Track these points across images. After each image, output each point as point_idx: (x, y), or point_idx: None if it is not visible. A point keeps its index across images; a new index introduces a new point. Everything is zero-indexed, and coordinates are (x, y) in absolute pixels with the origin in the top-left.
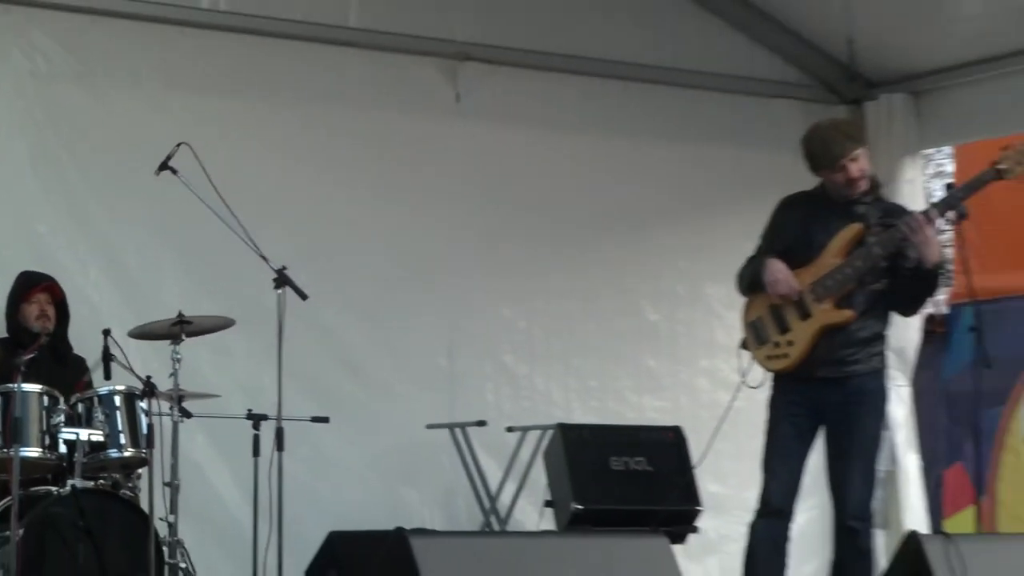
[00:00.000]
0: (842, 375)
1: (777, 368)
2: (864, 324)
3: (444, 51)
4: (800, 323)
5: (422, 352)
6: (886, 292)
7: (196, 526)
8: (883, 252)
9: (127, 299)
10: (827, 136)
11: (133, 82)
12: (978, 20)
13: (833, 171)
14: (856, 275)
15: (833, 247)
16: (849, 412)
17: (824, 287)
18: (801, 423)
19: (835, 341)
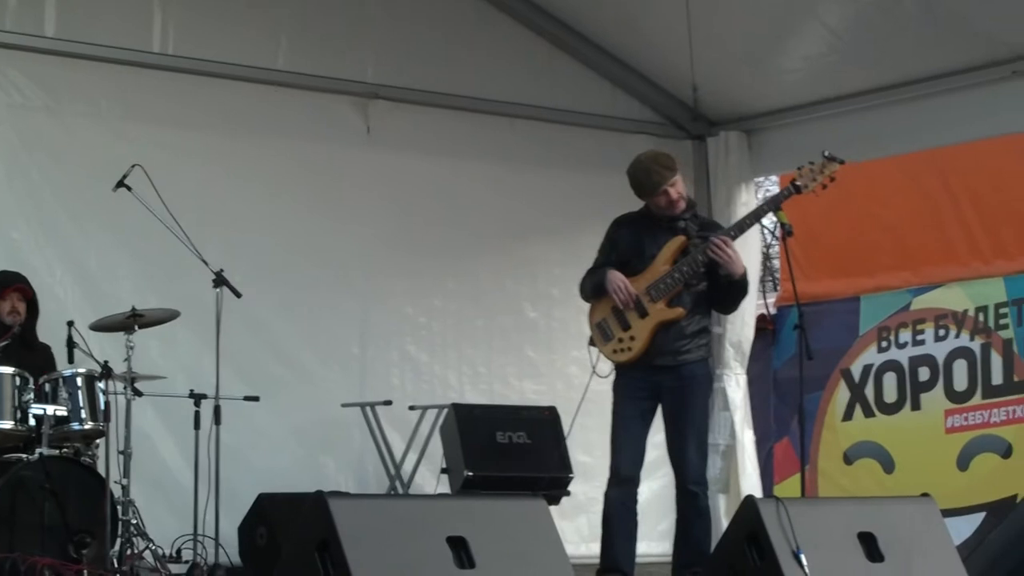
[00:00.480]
0: (676, 363)
1: (622, 360)
2: (692, 320)
3: (357, 90)
4: (639, 321)
5: (338, 341)
6: (707, 293)
7: (145, 488)
8: (704, 259)
9: (88, 295)
10: (649, 168)
11: (94, 113)
12: (799, 72)
13: (656, 196)
14: (683, 279)
15: (662, 256)
16: (683, 395)
17: (657, 290)
18: (643, 404)
19: (669, 335)
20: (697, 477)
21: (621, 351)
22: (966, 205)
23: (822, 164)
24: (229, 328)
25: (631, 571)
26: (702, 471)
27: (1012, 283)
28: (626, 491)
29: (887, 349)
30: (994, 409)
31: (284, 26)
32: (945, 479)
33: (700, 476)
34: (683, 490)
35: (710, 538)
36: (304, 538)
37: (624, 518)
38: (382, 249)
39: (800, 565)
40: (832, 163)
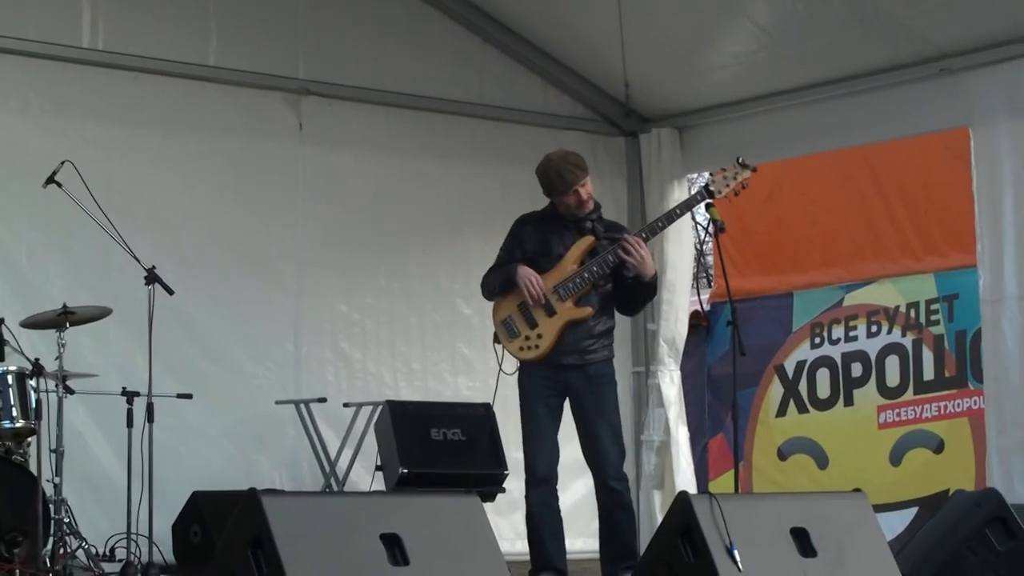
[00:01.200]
0: (583, 362)
1: (529, 358)
2: (599, 320)
3: (289, 87)
4: (547, 319)
5: (272, 339)
6: (612, 294)
7: (78, 487)
8: (614, 259)
9: (18, 292)
10: (561, 167)
11: (23, 108)
12: (729, 69)
13: (566, 195)
14: (592, 279)
15: (571, 256)
16: (592, 393)
17: (566, 289)
18: (551, 402)
19: (576, 334)
20: (616, 473)
21: (528, 348)
22: (897, 202)
23: (735, 171)
24: (162, 325)
25: (564, 568)
26: (620, 466)
27: (943, 279)
28: (546, 490)
29: (820, 345)
30: (926, 404)
31: (215, 21)
32: (878, 474)
33: (619, 471)
34: (604, 487)
35: (636, 532)
36: (237, 536)
37: (548, 517)
38: (315, 246)
39: (733, 560)
40: (745, 170)
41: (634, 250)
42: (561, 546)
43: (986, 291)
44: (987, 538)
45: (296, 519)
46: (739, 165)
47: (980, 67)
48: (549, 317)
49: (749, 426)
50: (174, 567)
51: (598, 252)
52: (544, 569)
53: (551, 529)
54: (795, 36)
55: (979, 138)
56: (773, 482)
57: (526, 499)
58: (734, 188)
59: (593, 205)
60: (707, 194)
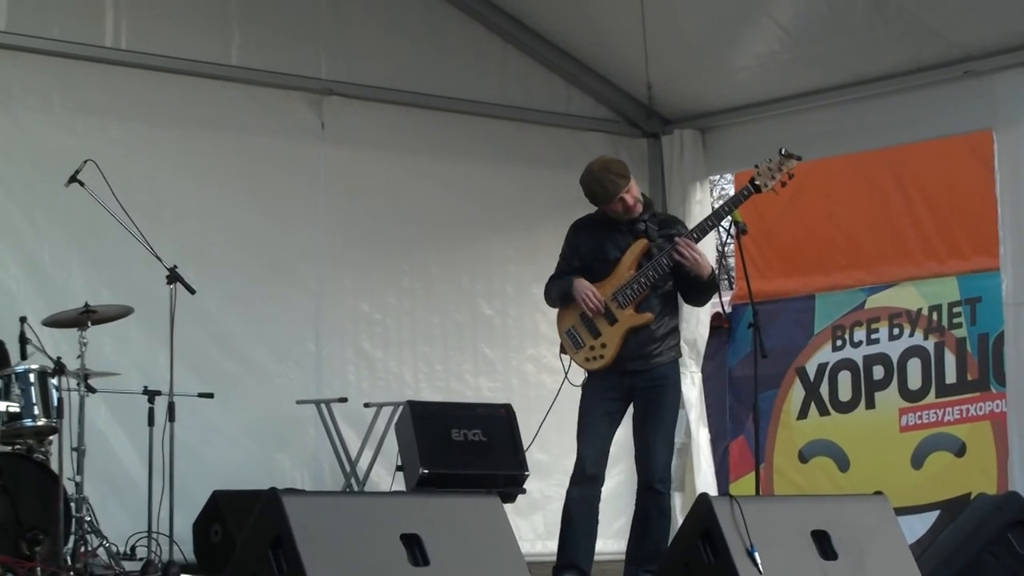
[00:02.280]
0: (648, 367)
1: (595, 367)
2: (661, 323)
3: (311, 87)
4: (609, 328)
5: (293, 338)
6: (675, 291)
7: (99, 486)
8: (668, 262)
9: (40, 291)
10: (602, 177)
11: (46, 108)
12: (752, 71)
13: (611, 204)
14: (649, 283)
15: (626, 261)
16: (655, 396)
17: (625, 295)
18: (612, 406)
19: (639, 339)
20: (663, 476)
21: (593, 359)
22: (920, 204)
23: (780, 161)
24: (183, 324)
25: (588, 569)
26: (668, 470)
27: (965, 282)
28: (590, 489)
29: (842, 348)
30: (948, 408)
31: (237, 21)
32: (899, 477)
33: (666, 475)
34: (648, 488)
35: (667, 538)
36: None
37: (586, 515)
38: (337, 246)
39: (754, 563)
40: (789, 160)
41: (687, 253)
42: (591, 546)
43: (1009, 294)
44: (1008, 542)
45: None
46: (783, 156)
47: (1005, 69)
48: (611, 325)
49: (770, 428)
50: (194, 566)
51: (653, 254)
52: (569, 567)
53: (586, 528)
54: (818, 37)
55: (1002, 141)
56: (794, 485)
57: (568, 493)
58: (780, 179)
59: (642, 208)
60: (753, 188)
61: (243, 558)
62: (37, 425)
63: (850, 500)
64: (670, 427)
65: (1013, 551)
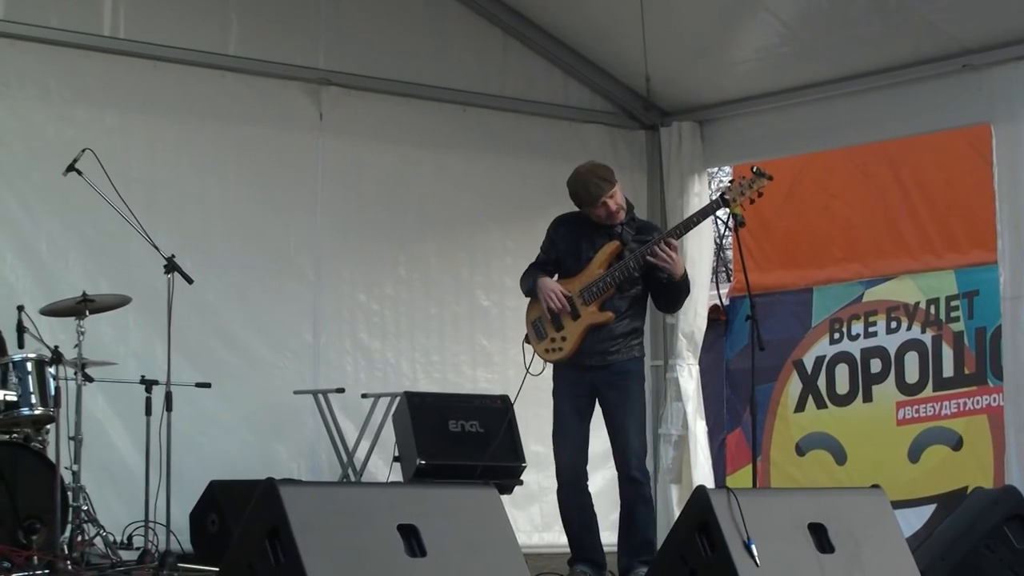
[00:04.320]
0: (606, 363)
1: (554, 359)
2: (622, 323)
3: (309, 77)
4: (571, 322)
5: (290, 329)
6: (646, 295)
7: (96, 475)
8: (636, 266)
9: (38, 280)
10: (588, 181)
11: (44, 97)
12: (751, 63)
13: (594, 208)
14: (615, 283)
15: (597, 260)
16: (619, 389)
17: (590, 293)
18: (580, 402)
19: (599, 336)
20: (639, 464)
21: (552, 351)
22: (917, 198)
23: (751, 180)
24: (181, 314)
25: (601, 560)
26: (643, 459)
27: (963, 276)
28: (576, 488)
29: (839, 341)
30: (945, 401)
31: (235, 11)
32: (896, 471)
33: (641, 464)
34: (626, 477)
35: (655, 526)
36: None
37: (576, 512)
38: (334, 236)
39: (751, 555)
40: (761, 179)
41: (663, 252)
42: (594, 539)
43: (1006, 288)
44: (1005, 536)
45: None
46: (755, 174)
47: (1003, 63)
48: (573, 320)
49: (767, 421)
50: (191, 556)
51: (624, 256)
52: (578, 561)
53: (580, 523)
54: (817, 31)
55: (1001, 135)
56: (790, 477)
57: (558, 496)
58: (749, 196)
59: (624, 215)
60: (722, 202)
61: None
62: (34, 414)
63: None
64: (639, 416)
65: (1010, 545)
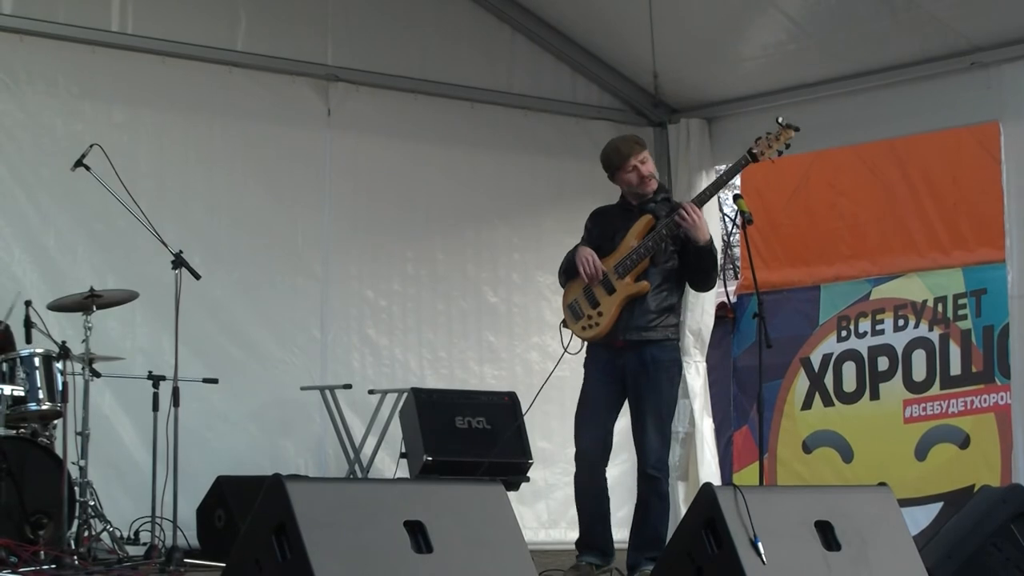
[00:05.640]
0: (641, 339)
1: (590, 336)
2: (658, 296)
3: (317, 73)
4: (607, 297)
5: (298, 325)
6: (679, 271)
7: (103, 470)
8: (667, 233)
9: (46, 275)
10: (617, 144)
11: (52, 92)
12: (759, 61)
13: (626, 171)
14: (647, 252)
15: (631, 234)
16: (648, 380)
17: (624, 266)
18: (609, 388)
19: (636, 310)
20: (656, 462)
21: (589, 327)
22: (925, 196)
23: (778, 132)
24: (188, 310)
25: (610, 549)
26: (662, 456)
27: (970, 274)
28: (592, 474)
29: (846, 338)
30: (952, 400)
31: (243, 7)
32: (903, 469)
33: (659, 461)
34: (643, 474)
35: (667, 523)
36: (261, 521)
37: (591, 498)
38: (342, 232)
39: (757, 553)
40: (788, 130)
41: (688, 215)
42: (604, 527)
43: (1014, 286)
44: (1012, 534)
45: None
46: (781, 126)
47: (1012, 61)
48: (609, 295)
49: (774, 419)
50: (198, 551)
51: (656, 227)
52: (586, 549)
53: (592, 510)
54: (825, 28)
55: (1009, 133)
56: (797, 475)
57: (575, 481)
58: (776, 148)
59: (656, 185)
60: (751, 157)
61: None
62: (41, 409)
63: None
64: (664, 413)
65: (1017, 543)
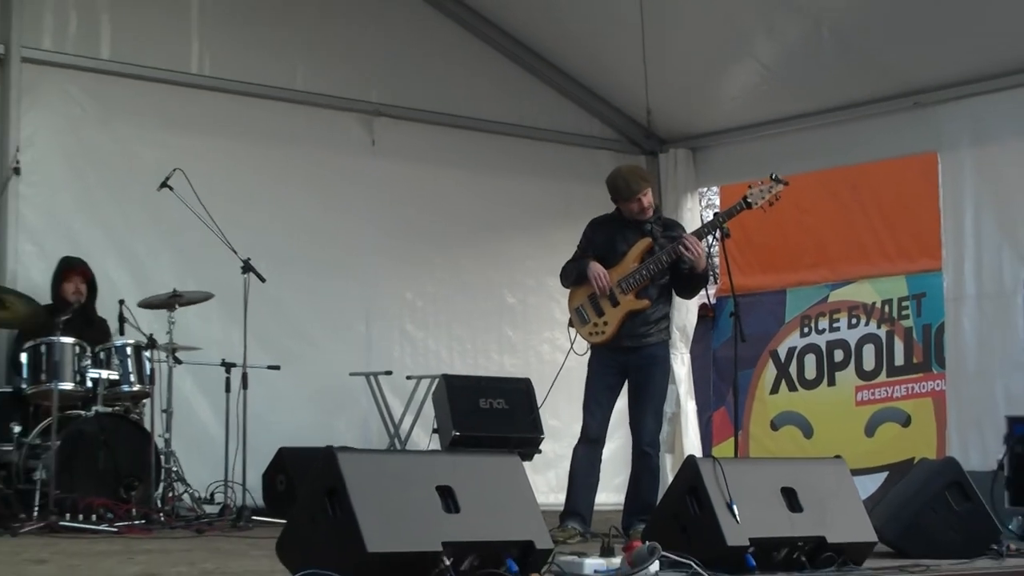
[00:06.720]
0: (640, 344)
1: (597, 341)
2: (656, 308)
3: (363, 108)
4: (611, 309)
5: (347, 321)
6: (671, 284)
7: (184, 442)
8: (667, 259)
9: (136, 278)
10: (628, 177)
11: (141, 124)
12: (736, 100)
13: (630, 202)
14: (649, 275)
15: (632, 255)
16: (645, 373)
17: (628, 283)
18: (611, 379)
19: (636, 321)
20: (650, 440)
21: (595, 334)
22: (875, 214)
23: (770, 184)
24: (255, 308)
25: (589, 516)
26: (655, 436)
27: (912, 280)
28: (593, 449)
29: (808, 334)
30: (896, 386)
31: (301, 53)
32: (855, 444)
33: (653, 440)
34: (638, 451)
35: (657, 491)
36: (316, 485)
37: (588, 472)
38: (384, 242)
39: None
40: (778, 184)
41: (693, 248)
42: (592, 498)
43: (949, 291)
44: (946, 499)
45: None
46: (773, 180)
47: (948, 101)
48: (613, 307)
49: (747, 401)
50: (263, 510)
51: (655, 251)
52: (572, 514)
53: (586, 482)
54: (792, 73)
55: (946, 162)
56: (766, 449)
57: (574, 452)
58: (768, 200)
59: (652, 213)
60: (745, 205)
61: (303, 504)
62: (133, 390)
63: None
64: (658, 401)
65: (950, 507)
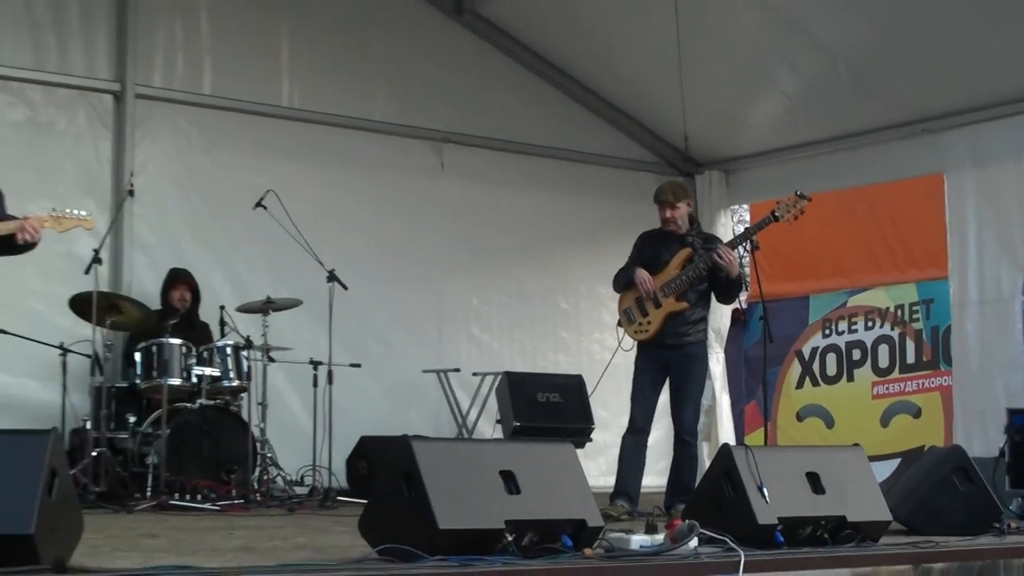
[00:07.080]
0: (680, 343)
1: (641, 339)
2: (694, 311)
3: (434, 136)
4: (655, 310)
5: (420, 324)
6: (710, 290)
7: (277, 431)
8: (705, 267)
9: (235, 287)
10: (659, 189)
11: (238, 151)
12: (763, 127)
13: (659, 208)
14: (689, 281)
15: (674, 263)
16: (685, 370)
17: (669, 288)
18: (655, 375)
19: (676, 321)
20: (690, 429)
21: (640, 332)
22: (887, 228)
23: (795, 200)
24: (338, 313)
25: (636, 496)
26: (694, 426)
27: (922, 287)
28: (639, 438)
29: (829, 336)
30: (908, 381)
31: (381, 87)
32: (871, 433)
33: (692, 429)
34: (679, 439)
35: (695, 475)
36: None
37: (635, 457)
38: (453, 256)
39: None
40: (802, 200)
41: (725, 256)
42: (638, 480)
43: (955, 297)
44: (953, 483)
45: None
46: (798, 196)
47: (952, 128)
48: (656, 308)
49: (775, 396)
50: (347, 491)
51: (694, 260)
52: (621, 494)
53: (634, 466)
54: (813, 103)
55: (951, 182)
56: (792, 438)
57: (622, 440)
58: (794, 214)
59: (675, 227)
60: (773, 218)
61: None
62: (232, 385)
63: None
64: (696, 394)
65: (956, 489)
